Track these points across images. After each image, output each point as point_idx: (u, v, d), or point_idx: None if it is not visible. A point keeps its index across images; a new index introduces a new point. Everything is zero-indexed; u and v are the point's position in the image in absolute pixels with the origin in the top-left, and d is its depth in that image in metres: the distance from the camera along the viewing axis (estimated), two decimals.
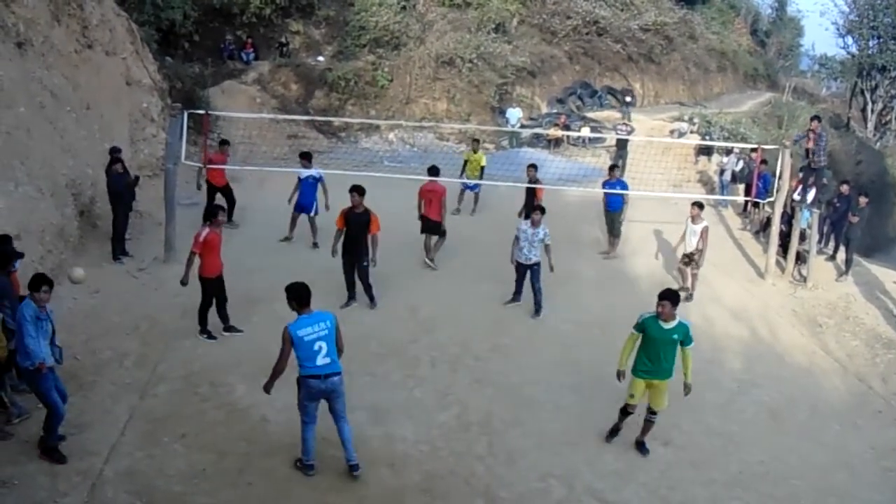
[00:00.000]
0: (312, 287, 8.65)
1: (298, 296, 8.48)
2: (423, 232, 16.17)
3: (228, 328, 12.38)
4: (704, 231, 15.21)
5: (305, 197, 16.90)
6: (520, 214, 17.64)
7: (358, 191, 13.43)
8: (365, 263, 13.59)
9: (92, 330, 11.93)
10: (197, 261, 11.83)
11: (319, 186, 16.99)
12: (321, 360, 8.35)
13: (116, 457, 8.98)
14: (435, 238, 16.18)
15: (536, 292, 14.08)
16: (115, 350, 11.45)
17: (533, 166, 18.57)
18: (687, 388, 9.64)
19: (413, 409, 10.65)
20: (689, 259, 15.37)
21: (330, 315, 8.54)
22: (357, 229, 13.41)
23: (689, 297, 15.21)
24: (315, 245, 16.72)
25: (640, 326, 9.53)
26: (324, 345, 8.35)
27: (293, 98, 30.04)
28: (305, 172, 16.95)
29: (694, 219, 15.30)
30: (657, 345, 9.43)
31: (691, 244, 15.28)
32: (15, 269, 9.78)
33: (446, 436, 10.07)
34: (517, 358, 12.43)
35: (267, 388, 8.70)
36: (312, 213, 16.95)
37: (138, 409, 10.03)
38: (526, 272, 14.03)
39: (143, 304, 13.18)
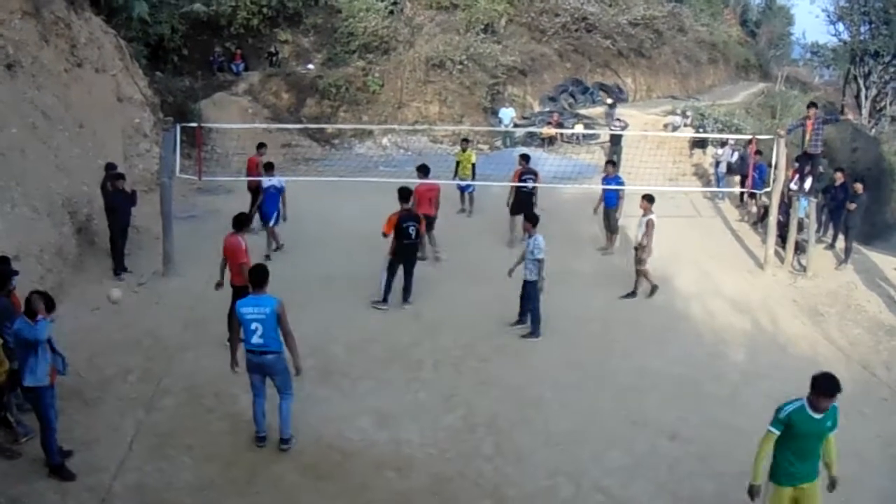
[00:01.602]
0: (313, 292, 8.70)
1: (254, 277, 9.25)
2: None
3: None
4: (648, 224, 14.70)
5: (268, 206, 16.82)
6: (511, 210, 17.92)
7: (398, 192, 14.29)
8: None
9: (94, 347, 11.92)
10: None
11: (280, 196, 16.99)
12: (255, 339, 9.00)
13: (125, 471, 8.98)
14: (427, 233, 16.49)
15: (531, 312, 13.35)
16: (118, 366, 11.45)
17: (524, 156, 18.82)
18: (833, 483, 7.75)
19: (418, 411, 10.66)
20: (636, 251, 15.17)
21: (273, 302, 9.03)
22: None
23: (633, 294, 15.17)
24: (267, 258, 15.82)
25: (783, 422, 7.52)
26: (260, 326, 8.96)
27: (285, 107, 30.05)
28: (267, 182, 16.89)
29: (644, 212, 14.92)
30: (807, 440, 7.50)
31: (638, 238, 15.02)
32: (13, 288, 9.78)
33: (453, 437, 10.08)
34: (520, 358, 12.45)
35: (231, 365, 9.48)
36: (272, 224, 16.83)
37: (144, 423, 10.05)
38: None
39: (144, 319, 13.18)
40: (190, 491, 8.73)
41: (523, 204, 17.19)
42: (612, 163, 18.97)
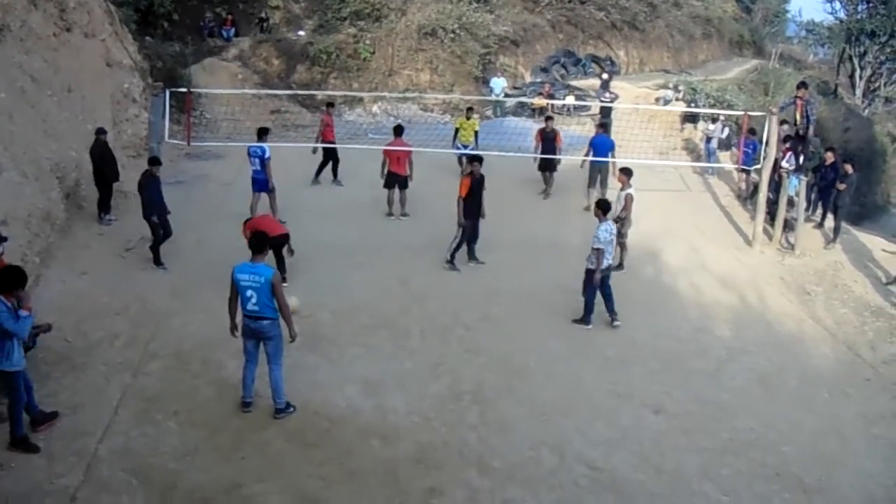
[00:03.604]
0: (301, 259, 8.69)
1: (252, 244, 9.35)
2: (391, 187, 17.19)
3: None
4: (627, 198, 14.66)
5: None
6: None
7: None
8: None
9: (82, 311, 11.90)
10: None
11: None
12: (251, 306, 9.14)
13: (110, 436, 9.01)
14: (398, 191, 17.26)
15: (585, 300, 12.95)
16: (105, 330, 11.45)
17: (549, 117, 20.64)
18: None
19: (405, 380, 10.70)
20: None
21: (269, 272, 9.14)
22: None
23: (620, 267, 15.06)
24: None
25: None
26: (254, 294, 9.08)
27: (275, 73, 29.87)
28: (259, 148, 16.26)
29: (622, 186, 14.91)
30: None
31: (615, 211, 15.07)
32: (1, 253, 9.73)
33: (438, 406, 10.13)
34: (507, 327, 12.49)
35: (231, 329, 9.58)
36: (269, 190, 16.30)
37: (131, 388, 10.06)
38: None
39: (131, 284, 13.16)
40: (175, 456, 8.76)
41: (549, 160, 19.47)
42: (603, 125, 19.90)
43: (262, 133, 16.66)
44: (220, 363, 10.71)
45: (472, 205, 14.53)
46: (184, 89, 18.87)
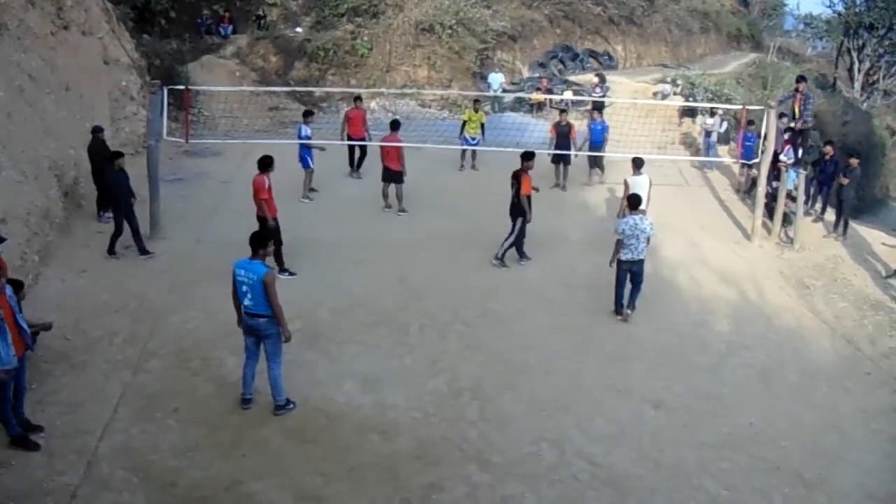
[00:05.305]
0: (300, 256, 8.68)
1: (251, 241, 9.34)
2: (385, 181, 17.33)
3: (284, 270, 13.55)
4: (625, 183, 15.41)
5: (304, 152, 17.91)
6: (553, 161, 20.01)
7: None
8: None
9: (81, 310, 11.91)
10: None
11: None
12: (247, 302, 9.22)
13: (110, 434, 9.01)
14: (393, 186, 17.34)
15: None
16: (105, 328, 11.44)
17: (563, 111, 21.47)
18: None
19: (404, 376, 10.70)
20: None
21: (262, 271, 9.09)
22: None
23: None
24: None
25: None
26: (249, 291, 9.14)
27: (273, 70, 29.80)
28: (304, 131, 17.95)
29: (634, 172, 15.58)
30: None
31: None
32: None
33: (438, 402, 10.13)
34: (507, 323, 12.48)
35: (237, 322, 9.65)
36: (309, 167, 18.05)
37: (131, 385, 10.06)
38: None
39: (130, 282, 13.15)
40: (175, 453, 8.77)
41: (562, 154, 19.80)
42: (597, 109, 21.14)
43: (307, 115, 18.54)
44: (220, 360, 10.72)
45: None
46: (181, 87, 18.82)
